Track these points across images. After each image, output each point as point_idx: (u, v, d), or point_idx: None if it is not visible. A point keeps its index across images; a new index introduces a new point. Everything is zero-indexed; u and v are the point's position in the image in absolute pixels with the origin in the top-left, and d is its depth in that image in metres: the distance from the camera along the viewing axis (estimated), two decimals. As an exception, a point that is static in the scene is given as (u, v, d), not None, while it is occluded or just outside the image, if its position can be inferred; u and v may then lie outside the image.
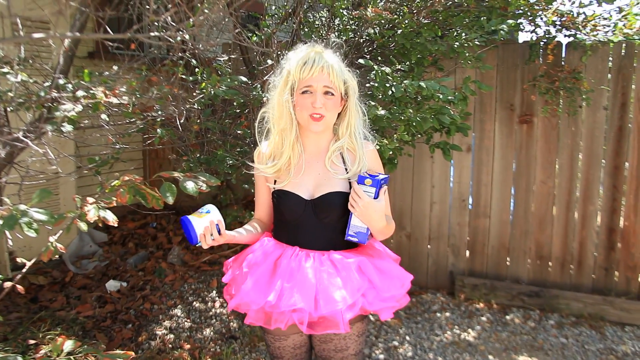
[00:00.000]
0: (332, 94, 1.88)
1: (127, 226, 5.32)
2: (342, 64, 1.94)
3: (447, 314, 4.18)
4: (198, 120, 3.21)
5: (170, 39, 2.19)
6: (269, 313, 1.85)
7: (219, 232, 1.83)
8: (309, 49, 1.91)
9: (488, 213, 4.48)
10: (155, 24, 2.90)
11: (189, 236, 1.81)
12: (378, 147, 2.89)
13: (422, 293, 4.54)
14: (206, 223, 1.81)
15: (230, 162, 3.19)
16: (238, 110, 3.49)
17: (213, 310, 3.96)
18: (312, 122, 1.88)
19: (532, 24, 4.01)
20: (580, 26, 3.88)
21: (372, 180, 1.84)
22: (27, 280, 4.10)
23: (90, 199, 1.87)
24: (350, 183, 1.95)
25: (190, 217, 1.81)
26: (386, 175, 1.91)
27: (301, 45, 1.97)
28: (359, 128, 2.01)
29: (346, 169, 1.97)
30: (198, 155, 3.37)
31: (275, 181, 2.00)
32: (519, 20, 3.83)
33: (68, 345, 1.70)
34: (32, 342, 3.19)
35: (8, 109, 2.63)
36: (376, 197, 1.84)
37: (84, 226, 1.79)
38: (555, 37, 4.04)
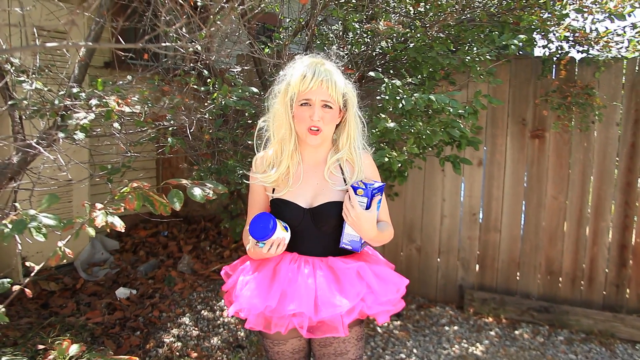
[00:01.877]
0: (330, 107, 1.90)
1: (139, 234, 5.36)
2: (341, 75, 1.96)
3: (456, 327, 4.15)
4: (209, 130, 3.25)
5: (182, 49, 2.23)
6: (269, 317, 1.87)
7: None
8: (309, 60, 1.95)
9: (499, 227, 4.46)
10: (170, 35, 2.96)
11: (263, 231, 1.83)
12: (387, 159, 2.90)
13: (430, 306, 4.52)
14: (282, 236, 1.86)
15: (241, 171, 3.22)
16: (250, 121, 3.52)
17: (221, 319, 3.98)
18: (309, 135, 1.91)
19: (544, 39, 4.01)
20: (592, 42, 3.87)
21: (364, 191, 1.87)
22: (39, 286, 4.14)
23: (99, 205, 1.90)
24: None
25: (277, 221, 1.86)
26: (382, 184, 1.93)
27: (303, 56, 2.00)
28: (358, 139, 2.04)
29: (344, 179, 2.00)
30: (209, 164, 3.40)
31: (273, 190, 2.03)
32: (532, 35, 3.84)
33: (73, 349, 1.72)
34: (41, 347, 3.22)
35: (23, 117, 2.68)
36: (368, 207, 1.87)
37: (92, 232, 1.82)
38: (568, 52, 4.04)
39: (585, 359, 3.73)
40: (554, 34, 3.90)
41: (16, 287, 1.80)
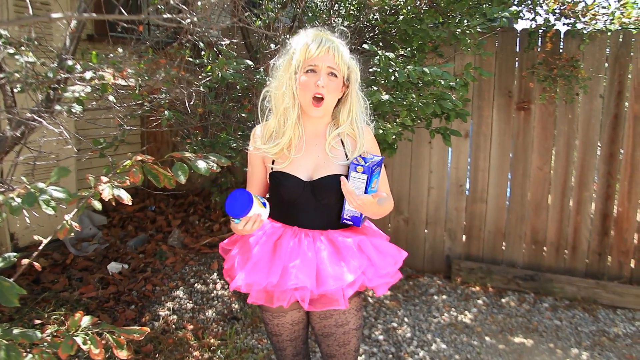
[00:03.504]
0: (335, 76, 1.91)
1: (126, 209, 5.34)
2: (347, 50, 1.98)
3: (444, 296, 4.25)
4: (201, 104, 3.24)
5: (182, 21, 2.21)
6: (271, 292, 1.88)
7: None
8: (316, 31, 1.96)
9: (485, 198, 4.55)
10: (161, 7, 2.92)
11: (240, 207, 1.80)
12: (381, 131, 2.93)
13: (419, 276, 4.61)
14: (258, 212, 1.82)
15: (234, 145, 3.22)
16: (241, 94, 3.51)
17: (215, 292, 4.01)
18: (311, 106, 1.92)
19: (532, 11, 4.05)
20: (580, 15, 3.93)
21: (363, 167, 1.86)
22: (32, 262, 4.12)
23: (104, 178, 1.89)
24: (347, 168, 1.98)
25: (253, 196, 1.81)
26: (380, 158, 1.94)
27: (309, 28, 2.01)
28: (360, 115, 2.05)
29: (346, 154, 2.01)
30: (201, 138, 3.40)
31: (273, 162, 2.03)
32: (519, 8, 3.87)
33: (85, 320, 1.73)
34: (37, 322, 3.23)
35: (15, 90, 2.65)
36: (369, 182, 1.87)
37: (98, 205, 1.82)
38: (554, 25, 4.09)
39: (570, 324, 3.86)
40: (542, 7, 3.94)
41: (25, 261, 1.80)
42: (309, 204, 1.99)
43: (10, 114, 2.50)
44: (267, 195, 2.16)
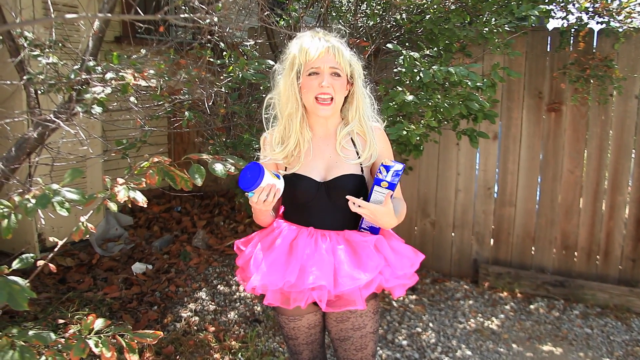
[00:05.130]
0: (339, 75, 1.89)
1: (152, 210, 5.38)
2: (346, 46, 1.95)
3: (471, 301, 4.16)
4: (224, 104, 3.22)
5: (200, 21, 2.19)
6: (287, 293, 1.86)
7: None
8: (312, 32, 1.94)
9: (514, 202, 4.44)
10: (183, 7, 2.91)
11: (250, 180, 1.79)
12: (405, 132, 2.87)
13: (445, 281, 4.53)
14: (272, 182, 1.81)
15: (257, 146, 3.20)
16: (264, 95, 3.49)
17: (237, 293, 4.00)
18: (319, 106, 1.90)
19: (563, 10, 3.93)
20: (614, 13, 3.79)
21: (388, 183, 1.84)
22: (55, 262, 4.16)
23: (120, 180, 1.88)
24: (362, 167, 1.98)
25: (264, 168, 1.80)
26: (402, 166, 1.88)
27: (304, 31, 1.99)
28: (367, 112, 2.03)
29: (357, 153, 1.99)
30: (224, 139, 3.39)
31: (285, 168, 2.01)
32: (550, 7, 3.76)
33: (98, 323, 1.72)
34: (61, 321, 3.26)
35: (39, 91, 2.67)
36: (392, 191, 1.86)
37: (114, 207, 1.80)
38: (587, 24, 3.96)
39: (601, 333, 3.73)
40: (574, 5, 3.82)
41: (41, 262, 1.80)
42: (323, 204, 1.97)
43: (33, 115, 2.51)
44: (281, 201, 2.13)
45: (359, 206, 1.84)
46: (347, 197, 1.86)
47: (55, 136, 2.60)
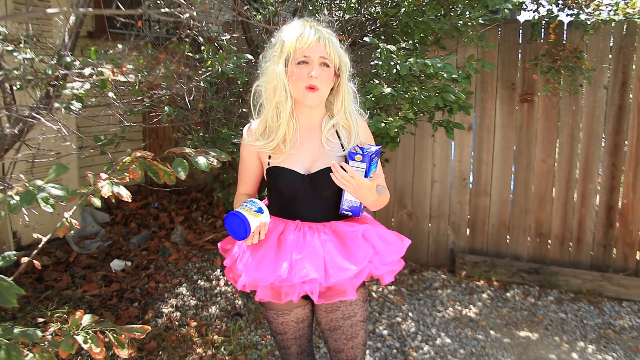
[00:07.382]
0: (328, 66, 1.88)
1: (129, 206, 5.33)
2: (337, 39, 1.94)
3: (449, 290, 4.23)
4: (202, 99, 3.21)
5: (180, 15, 2.19)
6: (278, 287, 1.85)
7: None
8: (303, 21, 1.91)
9: (488, 191, 4.52)
10: (161, 1, 2.90)
11: (240, 231, 1.81)
12: (383, 124, 2.90)
13: (423, 270, 4.59)
14: (258, 223, 1.83)
15: (235, 140, 3.20)
16: (242, 89, 3.49)
17: (218, 288, 4.00)
18: (307, 93, 1.87)
19: (534, 2, 4.01)
20: (583, 5, 3.89)
21: (362, 156, 1.84)
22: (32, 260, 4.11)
23: (104, 175, 1.87)
24: (346, 160, 1.95)
25: (244, 213, 1.81)
26: (378, 147, 1.91)
27: (294, 19, 1.97)
28: (352, 105, 2.02)
29: (342, 145, 1.98)
30: (202, 133, 3.38)
31: (269, 157, 1.99)
32: (522, -1, 3.83)
33: (86, 319, 1.72)
34: (40, 320, 3.22)
35: (14, 87, 2.63)
36: (368, 171, 1.85)
37: (98, 202, 1.80)
38: (557, 16, 4.05)
39: (575, 317, 3.84)
40: (545, -3, 3.90)
41: (25, 259, 1.78)
42: (309, 197, 1.96)
43: (9, 112, 2.48)
44: (265, 191, 2.13)
45: (344, 174, 1.83)
46: (331, 163, 1.85)
47: (33, 133, 2.57)
